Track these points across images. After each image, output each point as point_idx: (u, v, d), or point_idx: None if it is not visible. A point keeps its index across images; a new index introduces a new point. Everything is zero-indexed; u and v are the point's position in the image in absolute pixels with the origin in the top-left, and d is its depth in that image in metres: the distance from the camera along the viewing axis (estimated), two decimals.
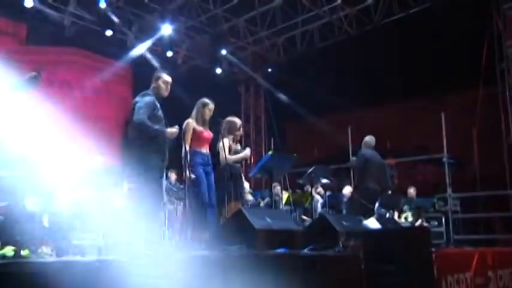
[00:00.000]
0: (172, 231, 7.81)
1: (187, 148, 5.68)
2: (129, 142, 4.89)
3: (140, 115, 4.82)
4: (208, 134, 5.99)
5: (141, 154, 4.78)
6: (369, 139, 8.26)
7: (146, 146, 4.83)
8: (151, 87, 5.22)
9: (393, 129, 13.30)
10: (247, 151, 6.51)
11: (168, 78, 5.27)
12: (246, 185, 6.84)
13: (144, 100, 4.96)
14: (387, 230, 5.70)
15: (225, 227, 5.16)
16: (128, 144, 4.88)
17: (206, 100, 6.00)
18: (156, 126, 4.86)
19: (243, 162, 7.36)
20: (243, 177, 6.64)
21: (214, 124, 5.87)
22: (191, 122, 5.87)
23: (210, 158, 5.97)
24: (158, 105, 5.05)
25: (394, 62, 12.56)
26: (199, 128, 5.92)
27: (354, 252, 4.89)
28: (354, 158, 8.41)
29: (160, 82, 5.19)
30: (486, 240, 9.68)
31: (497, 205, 10.12)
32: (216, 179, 5.98)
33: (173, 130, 4.92)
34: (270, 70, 14.87)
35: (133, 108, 4.94)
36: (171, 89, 5.37)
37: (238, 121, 6.55)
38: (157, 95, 5.15)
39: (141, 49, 11.36)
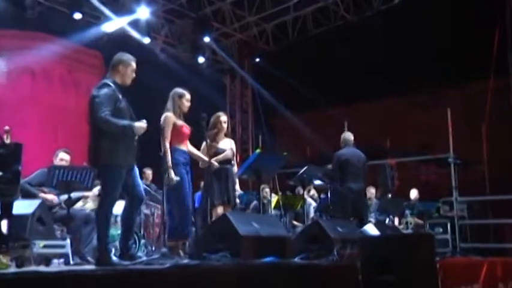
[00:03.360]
0: (148, 238, 7.78)
1: (168, 145, 5.64)
2: (93, 139, 4.73)
3: (103, 113, 4.60)
4: (187, 129, 5.95)
5: (107, 152, 4.66)
6: (347, 136, 8.25)
7: (112, 143, 4.66)
8: (108, 74, 4.94)
9: (394, 126, 13.39)
10: (228, 152, 6.49)
11: (134, 63, 5.01)
12: (237, 187, 6.82)
13: (103, 94, 4.70)
14: (387, 237, 5.71)
15: (207, 234, 5.15)
16: (93, 142, 4.76)
17: (181, 90, 5.95)
18: (123, 122, 4.69)
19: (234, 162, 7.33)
20: (235, 179, 6.60)
21: (197, 120, 5.83)
22: (171, 116, 5.82)
23: (189, 156, 5.93)
24: (120, 96, 4.80)
25: (395, 52, 12.62)
26: (180, 123, 5.88)
27: (350, 261, 4.89)
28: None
29: (124, 68, 4.93)
30: (496, 249, 9.77)
31: (509, 210, 10.20)
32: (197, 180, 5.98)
33: (142, 124, 4.76)
34: (258, 60, 14.85)
35: (92, 104, 4.70)
36: (148, 81, 5.28)
37: (221, 114, 6.54)
38: (121, 83, 4.90)
39: (113, 26, 11.16)
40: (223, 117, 6.58)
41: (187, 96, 5.94)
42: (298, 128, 14.02)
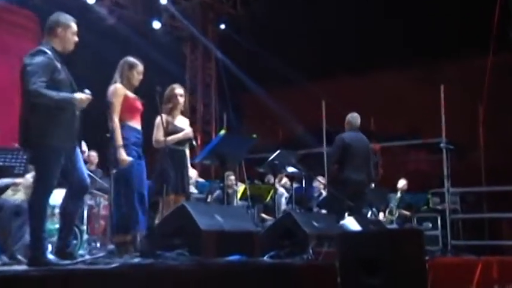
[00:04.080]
0: (92, 233, 7.70)
1: (117, 121, 5.56)
2: (24, 116, 4.57)
3: (34, 84, 4.45)
4: (140, 104, 5.88)
5: (41, 131, 4.54)
6: (352, 118, 8.26)
7: (47, 120, 4.52)
8: (45, 39, 4.81)
9: (379, 106, 13.45)
10: (188, 130, 6.45)
11: (75, 25, 4.87)
12: (193, 173, 6.80)
13: (36, 62, 4.55)
14: (369, 233, 5.75)
15: (162, 228, 5.12)
16: (24, 119, 4.63)
17: (132, 60, 5.85)
18: (61, 95, 4.57)
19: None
20: (189, 165, 6.59)
21: (151, 95, 5.75)
22: (121, 87, 5.72)
23: (142, 135, 5.87)
24: (59, 65, 4.68)
25: (383, 20, 12.64)
26: (132, 95, 5.80)
27: (327, 260, 4.92)
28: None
29: (63, 31, 4.80)
30: (492, 246, 9.93)
31: (507, 203, 10.39)
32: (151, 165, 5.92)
33: (83, 97, 4.65)
34: (223, 26, 14.74)
35: (23, 75, 4.56)
36: (93, 49, 5.17)
37: (176, 87, 6.47)
38: (61, 50, 4.80)
39: None
40: (179, 90, 6.50)
41: (140, 67, 5.85)
42: (269, 106, 14.00)
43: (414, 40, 12.68)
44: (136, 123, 5.80)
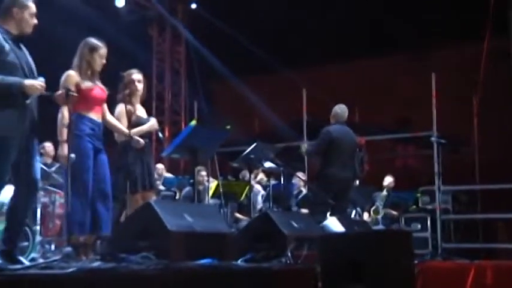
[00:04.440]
0: (46, 234, 7.62)
1: (65, 112, 5.47)
2: None
3: None
4: (100, 92, 5.79)
5: None
6: (339, 110, 8.31)
7: None
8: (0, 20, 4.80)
9: (364, 96, 13.51)
10: (153, 121, 6.41)
11: (33, 5, 4.82)
12: (160, 168, 6.77)
13: None
14: (353, 234, 5.78)
15: (125, 228, 5.08)
16: None
17: (94, 41, 5.76)
18: (8, 79, 4.53)
19: (152, 137, 7.26)
20: (153, 158, 6.57)
21: (115, 80, 5.69)
22: (73, 75, 5.63)
23: (101, 127, 5.79)
24: (7, 46, 4.63)
25: (367, 1, 12.67)
26: (87, 84, 5.70)
27: (307, 264, 4.92)
28: (306, 144, 8.47)
29: (19, 11, 4.77)
30: (486, 250, 10.04)
31: (502, 203, 10.49)
32: (113, 159, 5.87)
33: (35, 83, 4.58)
34: (194, 6, 14.67)
35: None
36: (50, 29, 5.10)
37: (133, 72, 6.41)
38: (18, 32, 4.77)
39: None
40: (137, 75, 6.43)
41: (102, 50, 5.76)
42: (244, 95, 13.99)
43: (402, 23, 12.70)
44: (93, 114, 5.70)
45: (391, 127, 13.52)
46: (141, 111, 6.52)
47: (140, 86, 6.44)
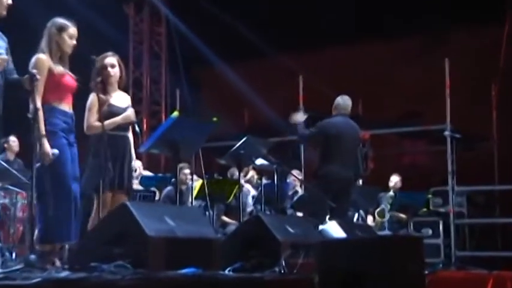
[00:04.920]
0: (6, 240, 7.61)
1: (39, 103, 5.47)
2: None
3: None
4: (71, 79, 5.79)
5: None
6: (342, 101, 8.33)
7: None
8: None
9: (369, 84, 13.51)
10: (129, 112, 6.39)
11: None
12: (137, 165, 6.76)
13: None
14: (356, 240, 5.77)
15: (97, 233, 5.07)
16: None
17: (62, 21, 5.77)
18: None
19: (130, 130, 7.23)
20: (133, 154, 6.53)
21: (86, 67, 5.67)
22: (45, 59, 5.62)
23: (74, 118, 5.80)
24: None
25: None
26: (59, 69, 5.70)
27: (304, 274, 4.92)
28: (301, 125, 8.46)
29: None
30: (505, 258, 10.05)
31: None
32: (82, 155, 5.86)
33: None
34: None
35: None
36: (14, 8, 5.13)
37: (106, 55, 6.40)
38: None
39: None
40: (110, 59, 6.40)
41: (71, 30, 5.76)
42: (233, 83, 13.98)
43: (412, 4, 12.72)
44: (65, 105, 5.73)
45: (399, 120, 13.53)
46: (122, 99, 6.49)
47: (114, 72, 6.39)
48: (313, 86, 11.61)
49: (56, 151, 5.45)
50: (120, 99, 6.47)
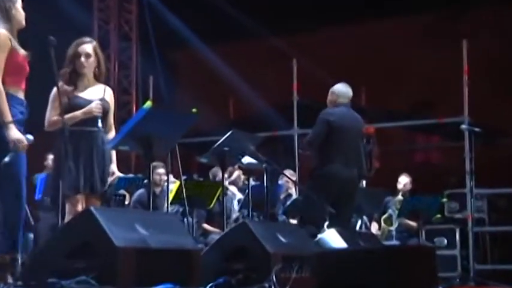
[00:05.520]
0: None
1: (0, 86, 5.48)
2: None
3: None
4: (27, 63, 5.79)
5: None
6: (344, 88, 8.33)
7: None
8: None
9: (373, 70, 13.55)
10: (93, 105, 6.36)
11: None
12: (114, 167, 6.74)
13: None
14: (358, 251, 5.80)
15: (57, 244, 5.06)
16: None
17: None
18: None
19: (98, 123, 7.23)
20: (110, 153, 6.55)
21: (42, 49, 5.65)
22: (6, 35, 5.60)
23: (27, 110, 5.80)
24: None
25: None
26: (23, 51, 5.70)
27: None
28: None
29: None
30: None
31: None
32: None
33: None
34: None
35: None
36: None
37: (81, 42, 6.38)
38: None
39: None
40: (85, 47, 6.41)
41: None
42: (216, 68, 13.99)
43: None
44: (21, 93, 5.73)
45: (409, 112, 13.58)
46: (97, 91, 6.48)
47: (88, 63, 6.39)
48: (308, 72, 11.61)
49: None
50: (94, 92, 6.46)
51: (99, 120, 6.42)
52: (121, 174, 10.87)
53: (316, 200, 7.79)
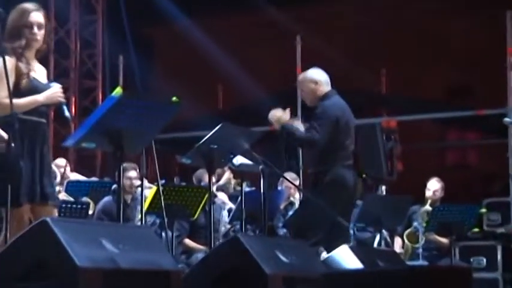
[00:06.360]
0: None
1: None
2: None
3: None
4: None
5: None
6: (319, 73, 8.44)
7: None
8: None
9: (395, 50, 13.59)
10: (54, 89, 6.43)
11: None
12: (61, 163, 6.78)
13: None
14: (376, 273, 5.83)
15: (9, 262, 5.07)
16: None
17: None
18: None
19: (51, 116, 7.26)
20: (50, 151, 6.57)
21: None
22: None
23: None
24: None
25: None
26: None
27: None
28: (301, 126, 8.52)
29: None
30: None
31: None
32: None
33: None
34: None
35: None
36: None
37: (28, 9, 6.40)
38: None
39: None
40: (37, 16, 6.44)
41: None
42: (201, 47, 14.02)
43: None
44: None
45: (440, 101, 13.61)
46: (40, 73, 6.52)
47: (41, 34, 6.42)
48: (314, 51, 11.64)
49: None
50: (39, 72, 6.50)
51: (65, 109, 6.45)
52: (74, 175, 10.95)
53: (323, 209, 7.83)
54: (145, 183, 9.54)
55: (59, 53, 14.84)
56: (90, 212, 9.85)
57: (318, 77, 8.39)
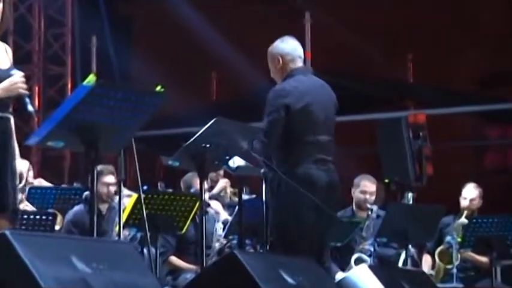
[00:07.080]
0: None
1: None
2: None
3: None
4: None
5: None
6: (288, 44, 8.30)
7: None
8: None
9: (423, 32, 13.64)
10: (16, 77, 6.43)
11: None
12: (24, 168, 6.83)
13: None
14: None
15: None
16: None
17: None
18: None
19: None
20: (16, 150, 6.57)
21: None
22: None
23: None
24: None
25: None
26: None
27: None
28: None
29: None
30: None
31: None
32: None
33: None
34: None
35: None
36: None
37: None
38: None
39: None
40: None
41: None
42: (191, 27, 14.06)
43: None
44: None
45: (476, 92, 13.64)
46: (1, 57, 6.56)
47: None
48: (327, 30, 11.68)
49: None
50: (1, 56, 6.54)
51: (28, 102, 6.46)
52: (39, 181, 10.98)
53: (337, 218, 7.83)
54: (124, 190, 9.56)
55: (19, 33, 14.83)
56: (57, 227, 9.87)
57: (283, 50, 8.28)
